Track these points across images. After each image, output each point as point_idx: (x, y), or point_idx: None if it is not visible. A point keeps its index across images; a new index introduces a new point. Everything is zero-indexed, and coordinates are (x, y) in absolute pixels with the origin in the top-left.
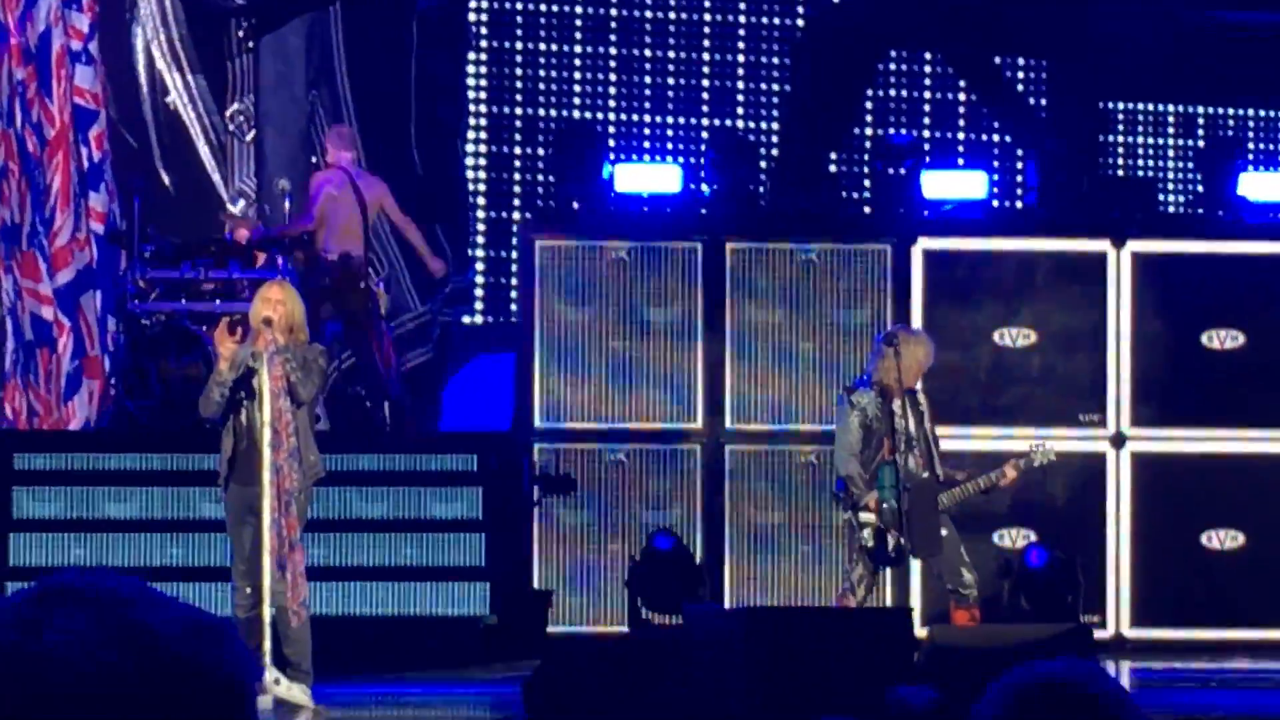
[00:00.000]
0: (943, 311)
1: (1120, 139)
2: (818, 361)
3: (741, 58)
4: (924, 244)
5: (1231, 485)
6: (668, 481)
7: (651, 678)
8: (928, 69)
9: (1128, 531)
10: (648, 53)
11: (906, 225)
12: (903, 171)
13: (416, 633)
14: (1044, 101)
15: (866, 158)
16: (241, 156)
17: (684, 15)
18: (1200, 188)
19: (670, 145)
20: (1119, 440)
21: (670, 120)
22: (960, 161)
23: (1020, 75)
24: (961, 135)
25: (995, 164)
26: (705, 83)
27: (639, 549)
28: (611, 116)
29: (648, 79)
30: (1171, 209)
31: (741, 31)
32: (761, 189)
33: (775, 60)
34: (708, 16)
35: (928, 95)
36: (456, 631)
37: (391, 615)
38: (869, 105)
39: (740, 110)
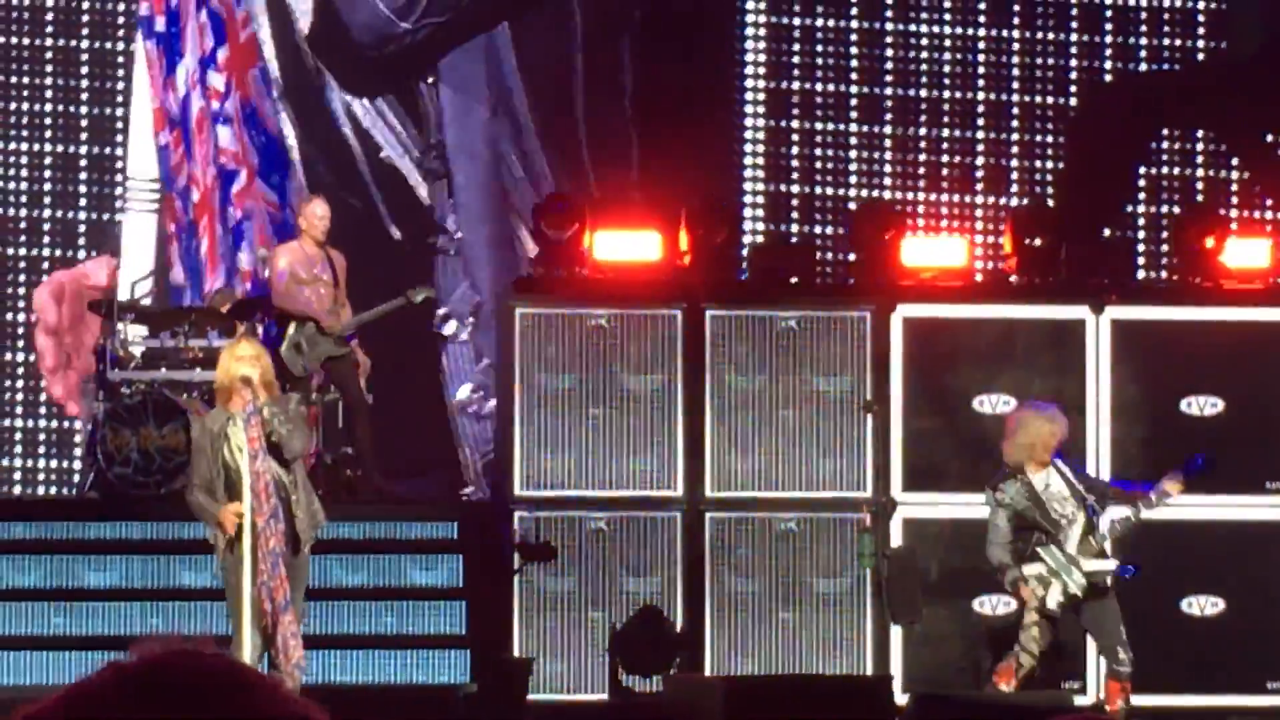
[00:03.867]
0: (922, 378)
1: None
2: (798, 428)
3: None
4: (903, 311)
5: (1211, 551)
6: (648, 549)
7: None
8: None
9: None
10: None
11: (886, 292)
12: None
13: (396, 702)
14: None
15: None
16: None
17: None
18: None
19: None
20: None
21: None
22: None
23: None
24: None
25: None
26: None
27: (620, 617)
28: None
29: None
30: None
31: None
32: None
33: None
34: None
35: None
36: (436, 700)
37: (371, 684)
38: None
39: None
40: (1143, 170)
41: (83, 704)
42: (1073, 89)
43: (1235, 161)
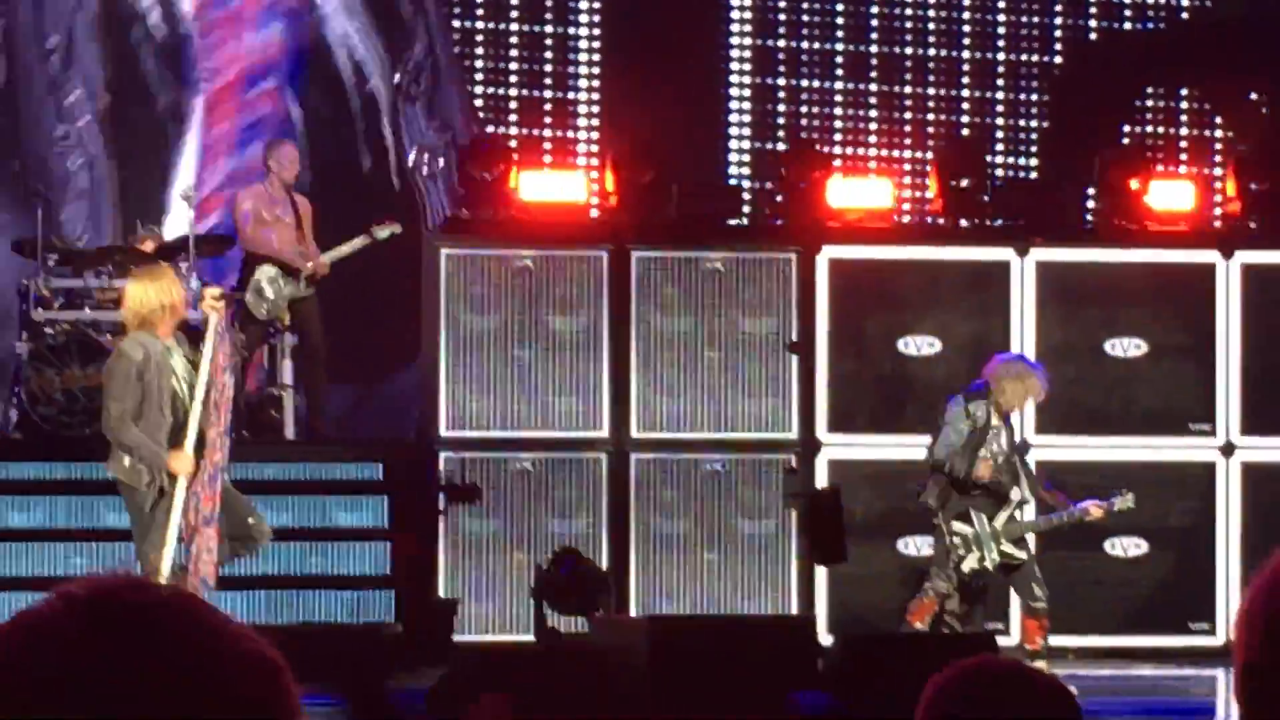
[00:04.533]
0: (848, 320)
1: None
2: (723, 370)
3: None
4: (829, 252)
5: (1134, 493)
6: (573, 490)
7: (557, 686)
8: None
9: (1031, 540)
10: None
11: (812, 233)
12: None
13: (321, 641)
14: None
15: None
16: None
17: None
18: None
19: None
20: (1023, 448)
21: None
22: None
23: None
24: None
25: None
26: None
27: (545, 557)
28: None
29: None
30: None
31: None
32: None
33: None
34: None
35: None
36: (361, 640)
37: (296, 624)
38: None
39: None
40: (1127, 129)
41: (29, 633)
42: (1058, 47)
43: (1219, 120)
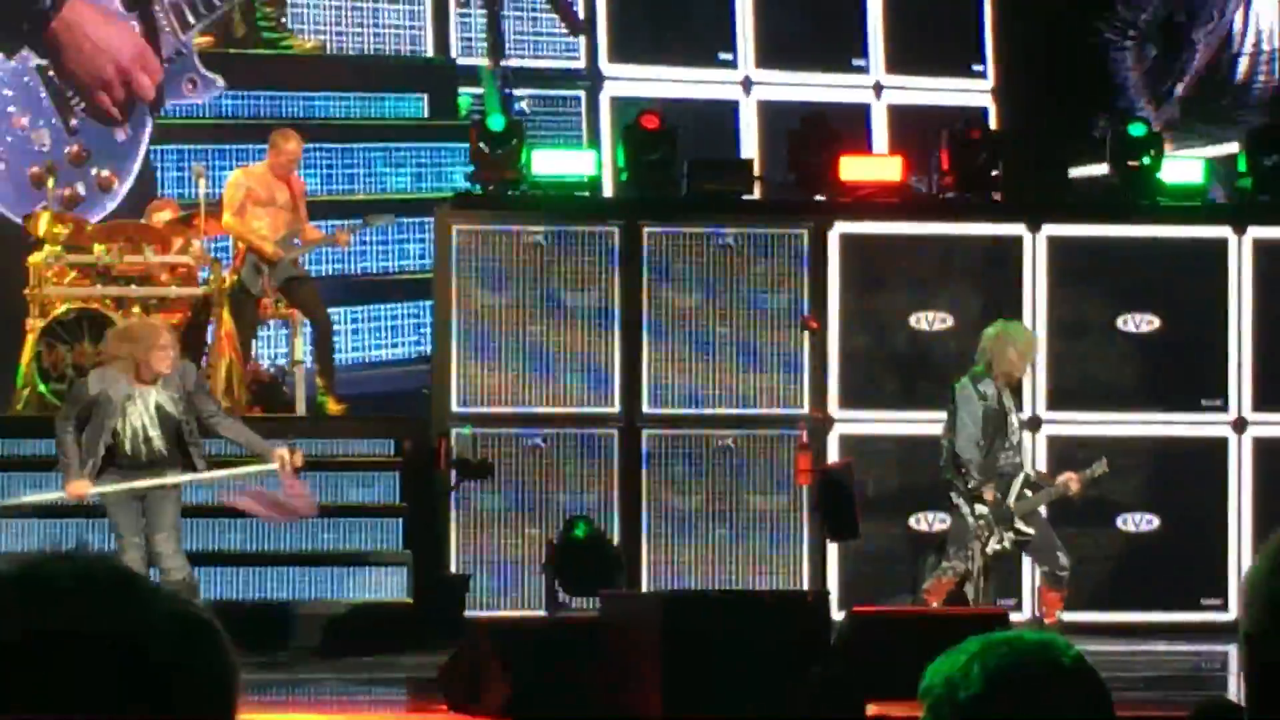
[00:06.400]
0: (859, 295)
1: None
2: (735, 345)
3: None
4: (840, 228)
5: (1146, 468)
6: (585, 466)
7: (568, 662)
8: None
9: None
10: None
11: (824, 209)
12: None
13: (334, 618)
14: None
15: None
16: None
17: None
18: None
19: None
20: (1035, 424)
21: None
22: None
23: None
24: None
25: None
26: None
27: (556, 533)
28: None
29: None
30: None
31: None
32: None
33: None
34: None
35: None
36: (374, 616)
37: (308, 600)
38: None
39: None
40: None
41: None
42: None
43: None
